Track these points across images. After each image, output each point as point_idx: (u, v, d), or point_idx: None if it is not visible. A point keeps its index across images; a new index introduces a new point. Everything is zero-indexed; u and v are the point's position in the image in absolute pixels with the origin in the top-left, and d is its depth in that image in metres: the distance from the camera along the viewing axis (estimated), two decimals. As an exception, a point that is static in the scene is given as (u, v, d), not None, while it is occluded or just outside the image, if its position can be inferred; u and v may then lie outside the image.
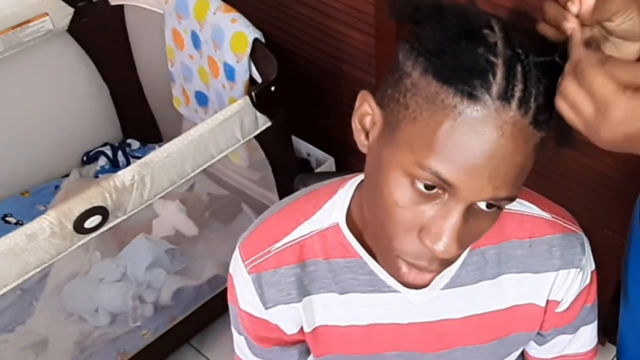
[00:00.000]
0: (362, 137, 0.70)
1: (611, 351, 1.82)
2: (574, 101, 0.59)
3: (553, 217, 0.84)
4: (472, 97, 0.59)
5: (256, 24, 1.64)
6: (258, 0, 1.88)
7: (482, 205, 0.65)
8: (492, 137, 0.60)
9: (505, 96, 0.59)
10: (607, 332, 1.74)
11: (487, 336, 0.87)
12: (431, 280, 0.71)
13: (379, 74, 1.72)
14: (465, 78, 0.59)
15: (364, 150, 0.71)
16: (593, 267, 0.88)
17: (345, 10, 1.68)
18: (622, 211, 1.45)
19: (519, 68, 0.59)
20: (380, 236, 0.70)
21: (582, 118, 0.59)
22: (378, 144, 0.68)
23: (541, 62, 0.60)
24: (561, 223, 0.85)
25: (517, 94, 0.59)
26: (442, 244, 0.64)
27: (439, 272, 0.70)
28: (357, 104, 0.70)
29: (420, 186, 0.64)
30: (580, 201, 1.48)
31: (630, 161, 1.35)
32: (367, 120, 0.69)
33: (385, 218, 0.67)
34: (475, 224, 0.66)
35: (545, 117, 0.61)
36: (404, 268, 0.69)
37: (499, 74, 0.59)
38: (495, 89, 0.59)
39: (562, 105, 0.60)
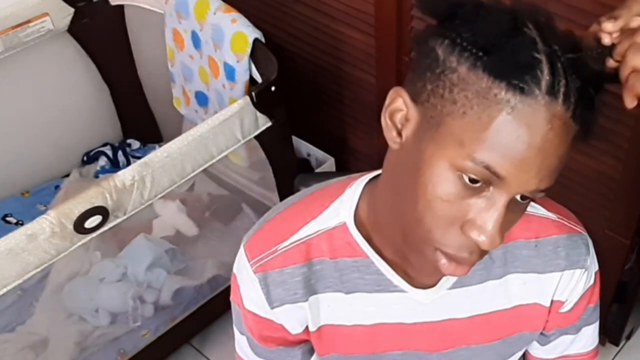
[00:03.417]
0: (394, 133, 0.70)
1: (611, 351, 1.82)
2: None
3: (558, 218, 0.85)
4: (524, 91, 0.61)
5: (256, 24, 1.64)
6: (258, 0, 1.88)
7: (518, 196, 0.66)
8: (543, 131, 0.61)
9: (552, 91, 0.61)
10: (608, 332, 1.74)
11: (492, 336, 0.87)
12: (469, 271, 0.72)
13: (379, 74, 1.72)
14: (517, 73, 0.61)
15: (394, 147, 0.70)
16: (597, 267, 0.89)
17: (345, 10, 1.68)
18: (622, 211, 1.46)
19: (558, 64, 0.61)
20: (415, 230, 0.70)
21: None
22: (415, 140, 0.68)
23: (570, 59, 0.62)
24: (566, 224, 0.85)
25: (562, 88, 0.61)
26: (488, 236, 0.66)
27: (475, 263, 0.71)
28: (387, 100, 0.70)
29: (467, 180, 0.64)
30: (581, 201, 1.48)
31: (631, 161, 1.35)
32: (399, 116, 0.69)
33: (426, 212, 0.67)
34: (512, 215, 0.68)
35: (580, 111, 0.63)
36: (444, 260, 0.70)
37: (545, 69, 0.61)
38: (544, 83, 0.61)
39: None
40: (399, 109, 0.69)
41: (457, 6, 0.64)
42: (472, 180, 0.64)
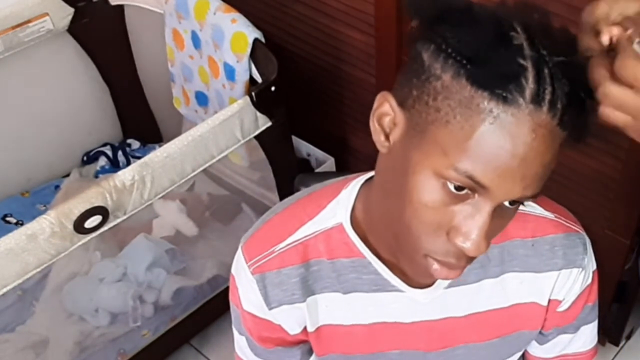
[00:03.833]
0: (382, 137, 0.70)
1: (611, 351, 1.82)
2: (621, 102, 0.61)
3: (556, 217, 0.85)
4: (507, 101, 0.60)
5: (256, 24, 1.64)
6: (258, 0, 1.88)
7: (506, 202, 0.66)
8: (527, 140, 0.61)
9: (537, 99, 0.60)
10: (608, 332, 1.75)
11: (490, 334, 0.87)
12: (460, 274, 0.72)
13: (379, 74, 1.72)
14: (500, 82, 0.60)
15: (383, 150, 0.70)
16: (594, 267, 0.89)
17: (345, 10, 1.68)
18: (622, 211, 1.46)
19: (545, 70, 0.60)
20: (404, 236, 0.70)
21: (632, 114, 0.61)
22: (402, 145, 0.67)
23: (560, 62, 0.61)
24: (564, 223, 0.85)
25: (547, 96, 0.60)
26: (473, 243, 0.66)
27: (465, 267, 0.72)
28: (375, 104, 0.70)
29: (451, 187, 0.64)
30: (581, 201, 1.49)
31: (631, 161, 1.35)
32: (387, 120, 0.69)
33: (413, 219, 0.68)
34: (499, 220, 0.68)
35: (569, 116, 0.62)
36: (435, 266, 0.70)
37: (530, 77, 0.60)
38: (528, 92, 0.60)
39: (608, 112, 0.62)
40: (387, 113, 0.68)
41: (444, 9, 0.63)
42: (458, 188, 0.64)
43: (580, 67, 0.63)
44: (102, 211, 1.32)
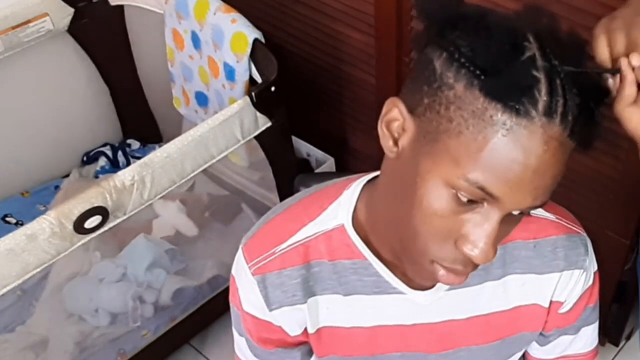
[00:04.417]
0: (390, 143, 0.69)
1: (611, 351, 1.83)
2: None
3: (557, 218, 0.85)
4: (520, 113, 0.60)
5: (256, 24, 1.64)
6: (258, 0, 1.88)
7: (515, 211, 0.66)
8: (539, 152, 0.61)
9: (549, 112, 0.60)
10: (608, 333, 1.74)
11: (491, 336, 0.87)
12: (465, 280, 0.72)
13: (379, 74, 1.72)
14: (514, 95, 0.60)
15: (391, 155, 0.70)
16: (595, 268, 0.89)
17: (345, 10, 1.68)
18: (622, 211, 1.46)
19: (558, 82, 0.60)
20: (411, 241, 0.70)
21: None
22: (411, 151, 0.67)
23: (571, 72, 0.61)
24: (565, 224, 0.85)
25: (560, 108, 0.60)
26: (481, 251, 0.66)
27: (470, 273, 0.72)
28: (384, 109, 0.69)
29: (462, 197, 0.64)
30: (581, 201, 1.48)
31: (631, 162, 1.35)
32: (395, 125, 0.68)
33: (421, 225, 0.68)
34: (506, 227, 0.68)
35: (579, 127, 0.62)
36: (442, 272, 0.70)
37: (543, 89, 0.60)
38: (541, 105, 0.60)
39: None
40: (396, 119, 0.68)
41: (457, 18, 0.63)
42: (467, 198, 0.64)
43: (590, 76, 0.63)
44: (102, 211, 1.31)
